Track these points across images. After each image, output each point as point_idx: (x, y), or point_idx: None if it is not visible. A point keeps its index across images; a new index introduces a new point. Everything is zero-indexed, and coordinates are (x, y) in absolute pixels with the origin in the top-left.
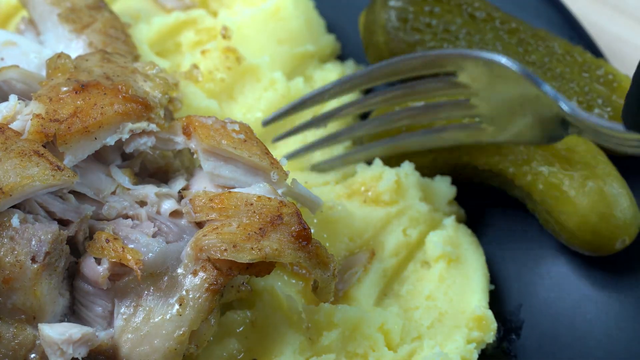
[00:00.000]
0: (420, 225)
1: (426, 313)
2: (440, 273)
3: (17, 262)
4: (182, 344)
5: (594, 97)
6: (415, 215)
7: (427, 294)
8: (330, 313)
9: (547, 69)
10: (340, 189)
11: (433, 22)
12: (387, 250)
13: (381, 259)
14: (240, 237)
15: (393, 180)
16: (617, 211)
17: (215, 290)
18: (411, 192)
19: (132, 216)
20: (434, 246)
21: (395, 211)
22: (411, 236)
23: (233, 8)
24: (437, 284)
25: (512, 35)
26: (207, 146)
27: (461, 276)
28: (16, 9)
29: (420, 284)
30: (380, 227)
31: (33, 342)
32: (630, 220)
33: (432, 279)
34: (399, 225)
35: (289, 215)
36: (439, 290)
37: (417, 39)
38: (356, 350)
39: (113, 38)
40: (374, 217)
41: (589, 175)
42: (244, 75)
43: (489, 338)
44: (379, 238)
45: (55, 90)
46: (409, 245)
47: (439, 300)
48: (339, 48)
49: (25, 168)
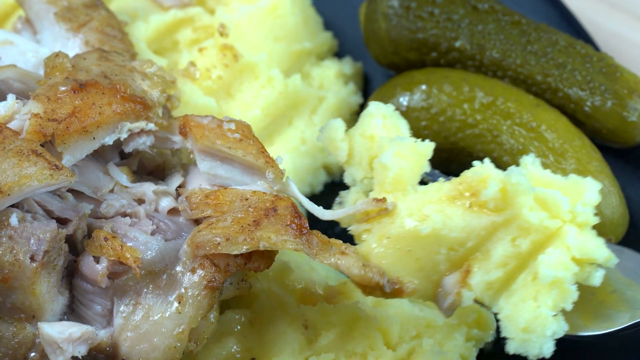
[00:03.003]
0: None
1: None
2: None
3: (16, 261)
4: (181, 341)
5: (596, 85)
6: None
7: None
8: (328, 312)
9: (550, 58)
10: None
11: (435, 12)
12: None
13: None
14: (233, 230)
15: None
16: (605, 209)
17: (214, 287)
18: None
19: (130, 214)
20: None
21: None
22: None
23: (230, 5)
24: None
25: (514, 26)
26: (202, 146)
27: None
28: (13, 8)
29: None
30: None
31: (33, 340)
32: (617, 220)
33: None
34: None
35: (283, 207)
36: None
37: (419, 26)
38: (355, 349)
39: (110, 36)
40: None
41: (581, 170)
42: (242, 73)
43: (488, 337)
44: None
45: (53, 90)
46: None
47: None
48: (336, 45)
49: (23, 167)
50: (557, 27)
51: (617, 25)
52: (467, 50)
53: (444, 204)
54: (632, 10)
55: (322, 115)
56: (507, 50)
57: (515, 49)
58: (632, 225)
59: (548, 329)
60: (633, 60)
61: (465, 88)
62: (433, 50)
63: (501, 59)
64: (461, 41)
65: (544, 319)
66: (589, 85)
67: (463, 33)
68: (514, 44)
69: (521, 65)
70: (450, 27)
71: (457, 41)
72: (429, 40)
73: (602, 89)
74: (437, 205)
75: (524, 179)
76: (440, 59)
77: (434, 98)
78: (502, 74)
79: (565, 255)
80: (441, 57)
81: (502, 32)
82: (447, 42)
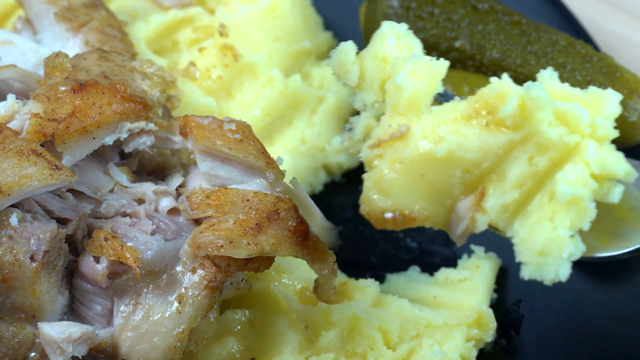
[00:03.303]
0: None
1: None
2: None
3: (16, 261)
4: (181, 341)
5: (596, 85)
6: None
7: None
8: (328, 313)
9: (550, 58)
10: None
11: (435, 12)
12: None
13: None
14: (236, 232)
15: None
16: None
17: (214, 287)
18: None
19: (130, 214)
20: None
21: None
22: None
23: (230, 6)
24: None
25: (514, 26)
26: (203, 147)
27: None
28: (13, 8)
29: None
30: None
31: (33, 340)
32: None
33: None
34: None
35: (285, 210)
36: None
37: (419, 26)
38: (355, 350)
39: (110, 36)
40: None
41: None
42: (242, 73)
43: (488, 337)
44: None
45: (53, 90)
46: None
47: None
48: (336, 45)
49: (23, 167)
50: (557, 27)
51: (617, 25)
52: (467, 50)
53: (459, 124)
54: (632, 10)
55: (322, 115)
56: (507, 50)
57: (515, 49)
58: None
59: (565, 251)
60: (633, 60)
61: (466, 88)
62: (433, 50)
63: (501, 59)
64: (461, 41)
65: (561, 240)
66: (589, 85)
67: (463, 33)
68: (514, 44)
69: (521, 65)
70: (450, 27)
71: (457, 41)
72: (429, 40)
73: (602, 89)
74: (453, 126)
75: (544, 93)
76: (440, 59)
77: None
78: (502, 74)
79: (584, 171)
80: (441, 57)
81: (502, 32)
82: (447, 42)
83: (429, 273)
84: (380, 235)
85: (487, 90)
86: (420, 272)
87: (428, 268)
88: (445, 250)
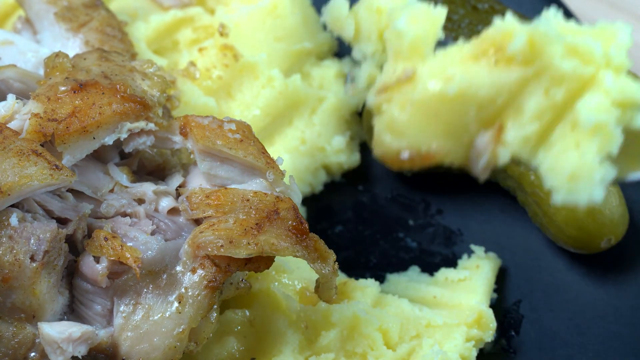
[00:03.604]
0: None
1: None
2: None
3: (16, 261)
4: (181, 341)
5: None
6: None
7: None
8: (328, 312)
9: None
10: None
11: None
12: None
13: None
14: (236, 232)
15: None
16: (606, 208)
17: (214, 287)
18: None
19: (130, 214)
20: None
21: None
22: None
23: (230, 6)
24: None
25: None
26: (202, 147)
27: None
28: (13, 8)
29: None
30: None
31: (33, 340)
32: (618, 220)
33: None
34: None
35: (285, 209)
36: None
37: None
38: (355, 350)
39: (110, 36)
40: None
41: None
42: (242, 73)
43: (487, 336)
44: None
45: (53, 90)
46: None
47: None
48: (336, 45)
49: (23, 167)
50: None
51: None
52: None
53: (467, 64)
54: (632, 10)
55: (322, 115)
56: None
57: None
58: (632, 225)
59: (596, 174)
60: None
61: None
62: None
63: None
64: (461, 41)
65: (590, 165)
66: None
67: (463, 33)
68: None
69: None
70: (450, 27)
71: (457, 41)
72: None
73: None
74: (461, 66)
75: (552, 27)
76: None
77: None
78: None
79: (605, 99)
80: None
81: None
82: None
83: (429, 273)
84: (380, 235)
85: (493, 29)
86: (420, 272)
87: (428, 268)
88: (445, 250)
